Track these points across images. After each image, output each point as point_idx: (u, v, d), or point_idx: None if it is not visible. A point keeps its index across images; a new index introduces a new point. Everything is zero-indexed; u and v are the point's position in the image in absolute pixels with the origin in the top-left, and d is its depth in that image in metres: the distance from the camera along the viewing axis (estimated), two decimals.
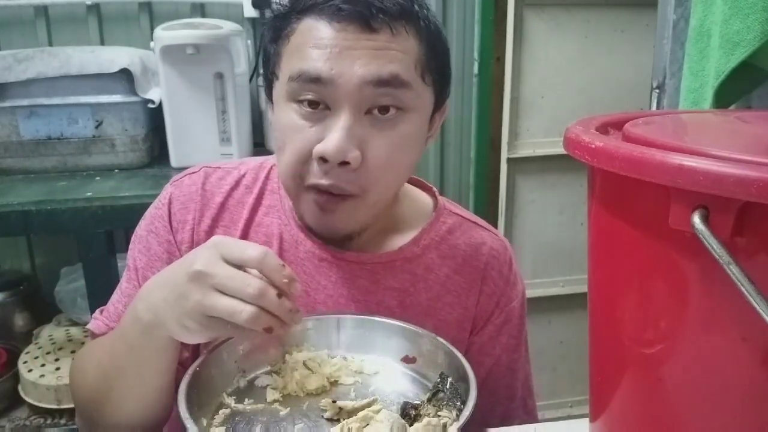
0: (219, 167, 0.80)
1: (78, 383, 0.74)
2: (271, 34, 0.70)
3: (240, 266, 0.57)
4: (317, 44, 0.64)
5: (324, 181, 0.65)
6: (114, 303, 0.78)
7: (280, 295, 0.57)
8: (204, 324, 0.57)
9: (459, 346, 0.77)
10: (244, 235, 0.77)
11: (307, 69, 0.64)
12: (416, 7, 0.67)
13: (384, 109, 0.66)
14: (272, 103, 0.72)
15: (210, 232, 0.76)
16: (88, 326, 0.79)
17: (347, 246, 0.76)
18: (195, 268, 0.56)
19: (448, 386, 0.61)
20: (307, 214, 0.71)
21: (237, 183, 0.79)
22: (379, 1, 0.63)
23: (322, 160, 0.64)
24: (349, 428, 0.54)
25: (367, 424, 0.54)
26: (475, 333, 0.80)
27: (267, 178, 0.80)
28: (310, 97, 0.65)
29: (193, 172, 0.80)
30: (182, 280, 0.57)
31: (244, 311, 0.55)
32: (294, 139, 0.66)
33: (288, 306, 0.57)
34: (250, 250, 0.57)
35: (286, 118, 0.67)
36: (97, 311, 0.79)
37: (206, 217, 0.77)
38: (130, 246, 0.79)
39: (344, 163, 0.64)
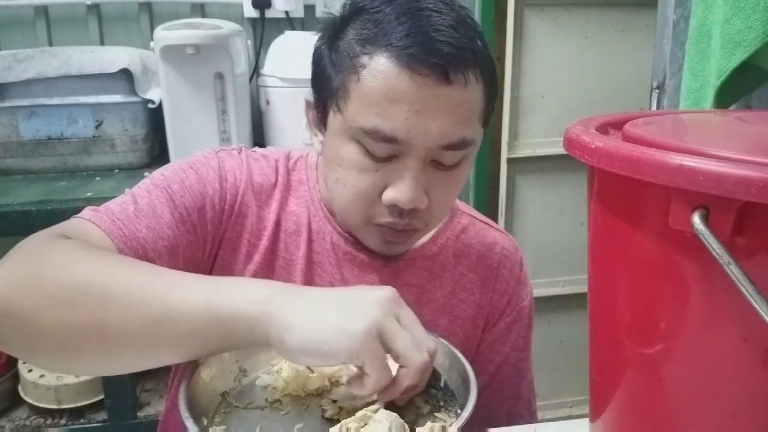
0: (255, 151, 0.80)
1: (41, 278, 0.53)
2: (331, 57, 0.67)
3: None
4: (394, 99, 0.62)
5: (399, 221, 0.68)
6: (132, 214, 0.65)
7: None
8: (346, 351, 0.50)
9: (471, 343, 0.80)
10: (278, 220, 0.76)
11: (384, 129, 0.63)
12: (479, 42, 0.66)
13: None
14: (321, 122, 0.71)
15: (248, 207, 0.74)
16: (89, 219, 0.63)
17: None
18: (386, 294, 0.54)
19: (442, 384, 0.61)
20: (372, 243, 0.73)
21: (272, 168, 0.79)
22: (456, 50, 0.62)
23: (394, 205, 0.66)
24: (347, 428, 0.54)
25: (365, 424, 0.54)
26: (486, 330, 0.82)
27: (295, 168, 0.80)
28: (381, 155, 0.65)
29: (238, 150, 0.79)
30: (365, 298, 0.53)
31: (419, 359, 0.52)
32: (358, 179, 0.67)
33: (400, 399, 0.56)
34: (429, 341, 0.54)
35: (348, 156, 0.66)
36: (92, 208, 0.65)
37: (248, 192, 0.75)
38: (153, 173, 0.72)
39: (414, 208, 0.67)
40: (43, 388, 1.50)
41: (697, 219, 0.37)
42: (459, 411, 0.57)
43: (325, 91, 0.68)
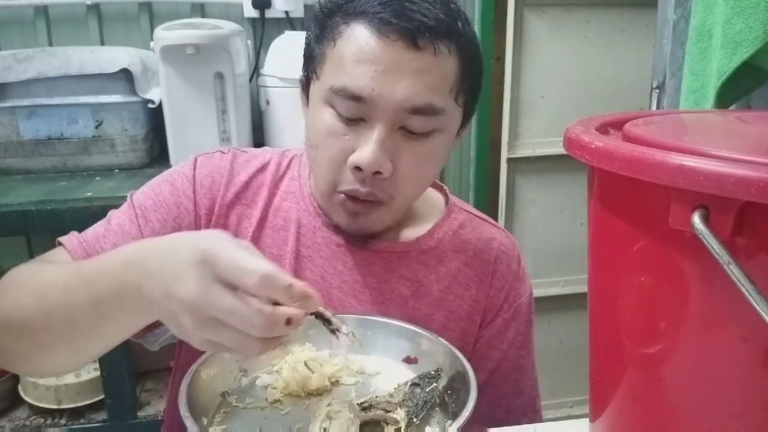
0: (246, 151, 0.83)
1: (7, 298, 0.63)
2: (317, 32, 0.71)
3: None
4: (362, 59, 0.65)
5: (360, 189, 0.69)
6: (101, 235, 0.74)
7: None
8: (204, 344, 0.52)
9: (468, 339, 0.80)
10: (263, 217, 0.78)
11: (350, 86, 0.66)
12: (460, 24, 0.68)
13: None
14: (307, 99, 0.74)
15: (231, 207, 0.78)
16: (61, 240, 0.73)
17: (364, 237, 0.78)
18: (189, 298, 0.49)
19: (428, 389, 0.62)
20: (336, 216, 0.74)
21: (262, 167, 0.81)
22: (427, 18, 0.65)
23: (357, 169, 0.68)
24: (323, 429, 0.55)
25: (331, 418, 0.56)
26: (484, 326, 0.82)
27: (288, 166, 0.82)
28: (348, 115, 0.67)
29: (223, 151, 0.82)
30: (176, 306, 0.50)
31: (249, 346, 0.50)
32: (329, 144, 0.69)
33: (300, 319, 0.51)
34: (248, 276, 0.48)
35: (321, 121, 0.69)
36: (73, 233, 0.75)
37: (230, 192, 0.78)
38: (135, 191, 0.78)
39: (377, 173, 0.68)
40: (43, 388, 1.50)
41: (697, 219, 0.37)
42: (417, 413, 0.59)
43: (310, 64, 0.72)
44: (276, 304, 0.49)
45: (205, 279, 0.49)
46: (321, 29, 0.71)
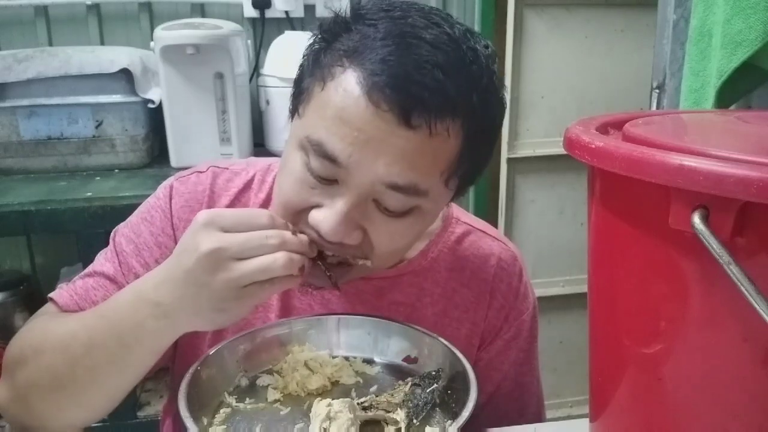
0: (227, 168, 0.77)
1: (29, 363, 0.64)
2: (310, 64, 0.63)
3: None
4: (346, 119, 0.56)
5: (324, 243, 0.61)
6: (90, 287, 0.72)
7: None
8: (240, 297, 0.55)
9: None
10: None
11: (326, 145, 0.57)
12: (475, 97, 0.58)
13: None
14: (290, 119, 0.66)
15: None
16: (51, 295, 0.72)
17: None
18: (204, 251, 0.54)
19: (428, 389, 0.62)
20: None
21: (245, 186, 0.76)
22: (429, 93, 0.55)
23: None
24: (323, 429, 0.55)
25: (332, 418, 0.56)
26: (483, 348, 0.78)
27: (274, 182, 0.76)
28: (319, 173, 0.59)
29: (200, 171, 0.76)
30: (195, 269, 0.54)
31: (276, 260, 0.54)
32: (292, 189, 0.62)
33: (306, 239, 0.59)
34: (259, 217, 0.57)
35: (292, 164, 0.61)
36: (62, 285, 0.74)
37: None
38: (118, 229, 0.76)
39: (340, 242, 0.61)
40: None
41: (697, 219, 0.37)
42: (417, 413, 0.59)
43: (297, 94, 0.64)
44: None
45: (213, 231, 0.55)
46: (315, 62, 0.62)
